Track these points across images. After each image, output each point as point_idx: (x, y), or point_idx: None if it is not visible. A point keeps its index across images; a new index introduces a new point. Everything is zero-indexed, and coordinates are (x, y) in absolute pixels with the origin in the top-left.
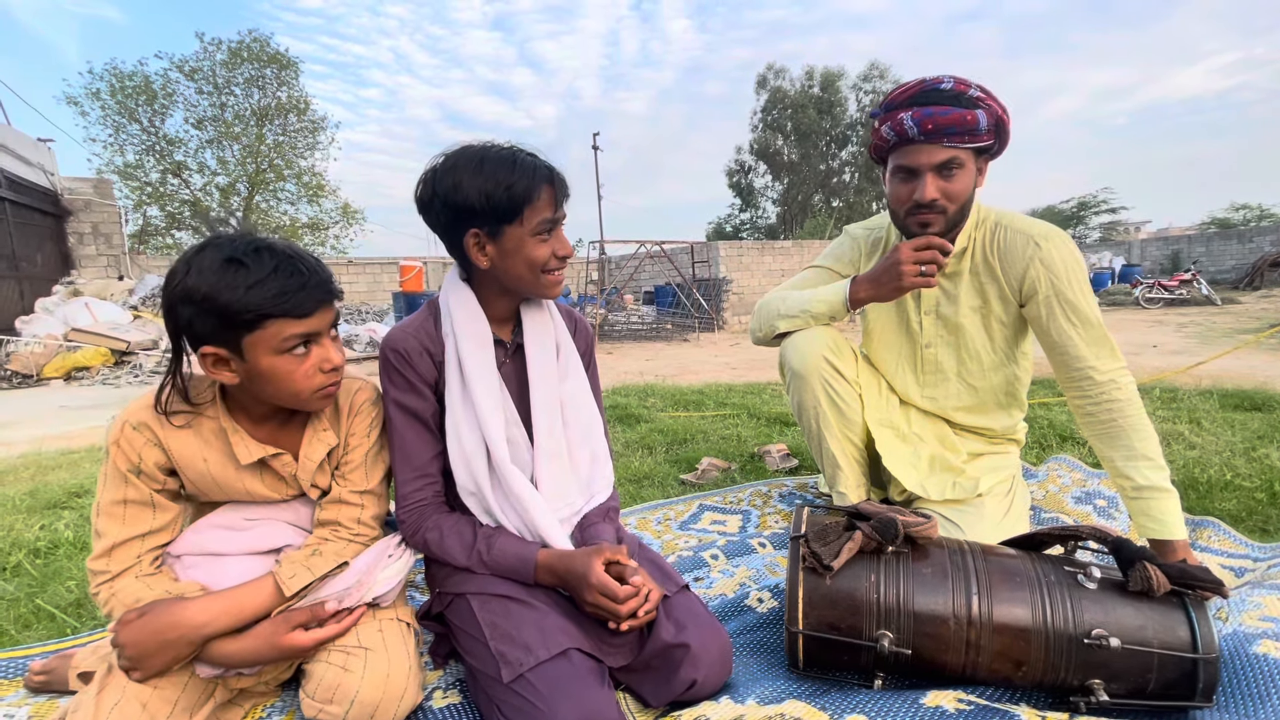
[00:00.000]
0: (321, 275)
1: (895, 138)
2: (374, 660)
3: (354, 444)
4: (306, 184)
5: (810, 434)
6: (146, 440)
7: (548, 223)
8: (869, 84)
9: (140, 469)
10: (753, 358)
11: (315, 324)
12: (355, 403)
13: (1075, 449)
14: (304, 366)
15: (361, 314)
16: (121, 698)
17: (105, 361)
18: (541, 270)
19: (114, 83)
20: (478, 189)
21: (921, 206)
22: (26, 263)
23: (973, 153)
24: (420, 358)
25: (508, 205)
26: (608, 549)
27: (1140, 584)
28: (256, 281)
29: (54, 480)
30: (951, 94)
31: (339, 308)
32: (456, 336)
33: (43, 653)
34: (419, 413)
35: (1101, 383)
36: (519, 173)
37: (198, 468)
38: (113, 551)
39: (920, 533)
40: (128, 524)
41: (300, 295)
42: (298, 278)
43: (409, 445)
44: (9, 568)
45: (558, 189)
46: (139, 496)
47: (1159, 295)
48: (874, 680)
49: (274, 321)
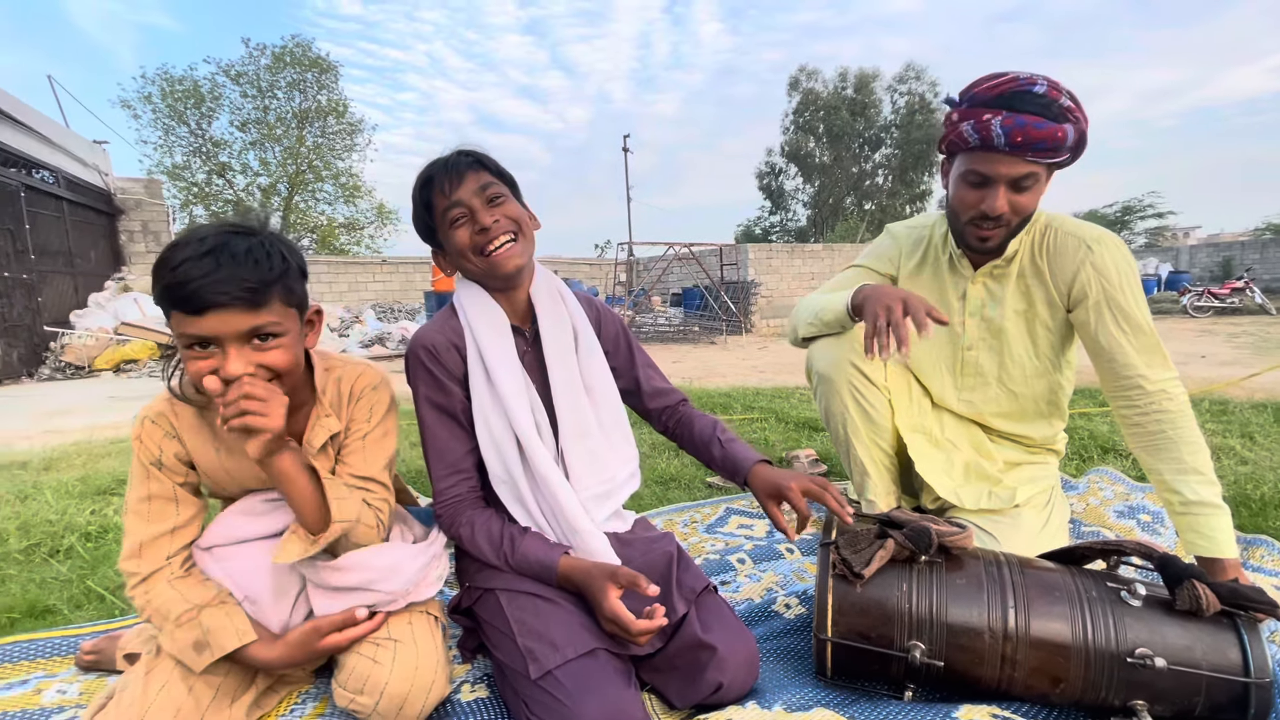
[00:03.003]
0: (239, 273)
1: (978, 141)
2: (403, 652)
3: (354, 429)
4: (344, 185)
5: (838, 440)
6: (165, 433)
7: (453, 211)
8: (904, 85)
9: (161, 461)
10: (780, 361)
11: (212, 326)
12: (357, 387)
13: (1117, 461)
14: (203, 367)
15: (394, 312)
16: (168, 680)
17: (151, 355)
18: (475, 253)
19: (165, 87)
20: (415, 218)
21: (988, 219)
22: (81, 259)
23: (1048, 167)
24: (448, 353)
25: (424, 220)
26: (623, 576)
27: (1189, 603)
28: (172, 265)
29: (104, 468)
30: (1044, 101)
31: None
32: (473, 327)
33: (92, 633)
34: (450, 409)
35: (1152, 393)
36: (420, 188)
37: (210, 457)
38: (142, 551)
39: (955, 542)
40: (153, 520)
41: (193, 287)
42: (203, 269)
43: (442, 442)
44: (62, 550)
45: (450, 177)
46: (162, 491)
47: (1208, 304)
48: (904, 691)
49: (174, 313)
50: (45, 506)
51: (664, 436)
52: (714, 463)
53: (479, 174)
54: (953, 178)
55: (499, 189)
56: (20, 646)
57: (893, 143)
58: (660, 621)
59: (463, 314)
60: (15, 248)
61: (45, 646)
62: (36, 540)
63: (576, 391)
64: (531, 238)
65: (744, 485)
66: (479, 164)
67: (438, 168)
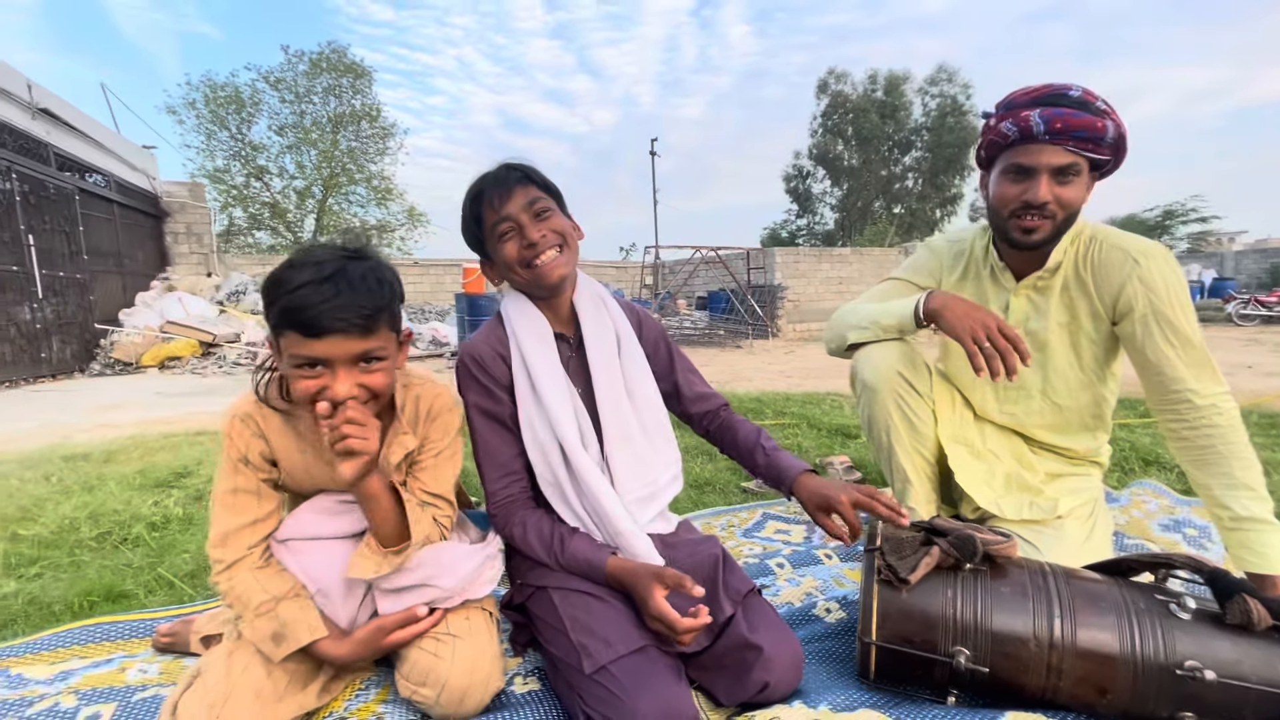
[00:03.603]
0: (354, 297)
1: (1017, 134)
2: (462, 648)
3: (428, 448)
4: (376, 188)
5: (880, 447)
6: (252, 432)
7: (502, 225)
8: (935, 87)
9: (247, 459)
10: (808, 367)
11: (327, 349)
12: (435, 408)
13: (1160, 474)
14: (311, 386)
15: (425, 314)
16: (250, 662)
17: (194, 353)
18: (522, 265)
19: (208, 93)
20: (464, 228)
21: (1031, 208)
22: (129, 260)
23: (1089, 164)
24: (494, 362)
25: (474, 232)
26: (669, 576)
27: (1239, 617)
28: (290, 288)
29: (160, 461)
30: (1079, 100)
31: (385, 333)
32: (518, 336)
33: (166, 616)
34: (498, 415)
35: (1201, 407)
36: (472, 203)
37: (294, 459)
38: (226, 540)
39: (1000, 551)
40: (238, 513)
41: (313, 313)
42: (323, 295)
43: (492, 446)
44: (130, 538)
45: (499, 192)
46: (247, 485)
47: (1255, 312)
48: (947, 696)
49: (288, 333)
50: (111, 497)
51: (705, 440)
52: (757, 469)
53: (527, 189)
54: (993, 178)
55: (546, 203)
56: (102, 628)
57: (923, 146)
58: (704, 620)
59: (508, 323)
60: (70, 248)
61: (124, 629)
62: (106, 529)
63: (619, 396)
64: (575, 248)
65: (789, 495)
66: (526, 179)
67: (487, 182)
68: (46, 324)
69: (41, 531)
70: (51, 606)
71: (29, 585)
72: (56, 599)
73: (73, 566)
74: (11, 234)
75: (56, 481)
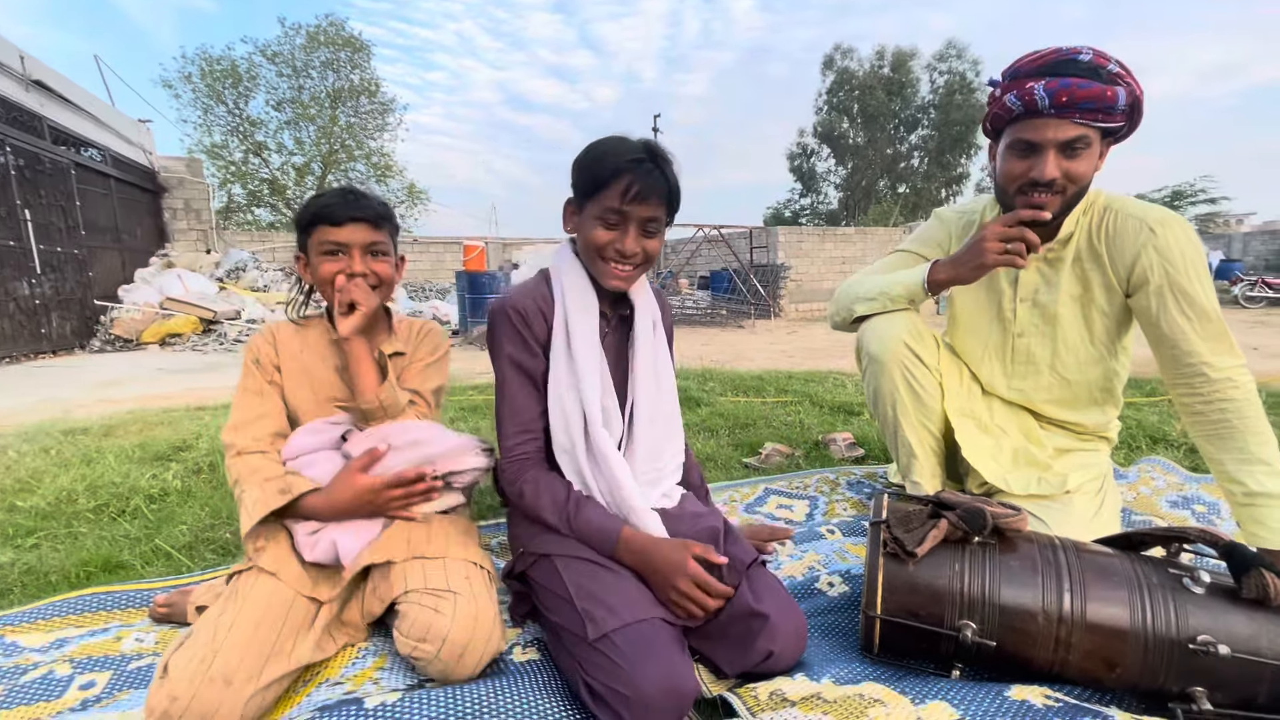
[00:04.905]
0: (366, 201)
1: (1021, 108)
2: (462, 604)
3: (416, 358)
4: (375, 164)
5: (885, 421)
6: (265, 341)
7: (614, 213)
8: (944, 64)
9: (259, 360)
10: (811, 346)
11: (347, 235)
12: (424, 328)
13: (1167, 451)
14: (334, 268)
15: (425, 292)
16: (236, 620)
17: (195, 329)
18: (599, 255)
19: (204, 67)
20: (580, 161)
21: (1038, 185)
22: (128, 235)
23: (1100, 134)
24: (536, 318)
25: (588, 181)
26: (697, 546)
27: (1256, 591)
28: (318, 199)
29: (159, 435)
30: (1089, 66)
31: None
32: (566, 303)
33: (164, 587)
34: (530, 370)
35: (1216, 380)
36: (610, 158)
37: (296, 359)
38: (238, 428)
39: (1009, 524)
40: (247, 409)
41: (337, 208)
42: (343, 198)
43: (518, 401)
44: (128, 510)
45: (640, 189)
46: (255, 385)
47: (1262, 294)
48: (951, 670)
49: (318, 227)
50: (109, 470)
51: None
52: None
53: (657, 208)
54: (1000, 152)
55: (660, 225)
56: (98, 598)
57: (930, 124)
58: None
59: (558, 284)
60: (67, 223)
61: (121, 599)
62: (104, 501)
63: (650, 378)
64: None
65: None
66: (667, 198)
67: (640, 173)
68: (45, 300)
69: (39, 503)
70: (48, 576)
71: (25, 555)
72: (53, 569)
73: (70, 537)
74: (7, 208)
75: (55, 454)
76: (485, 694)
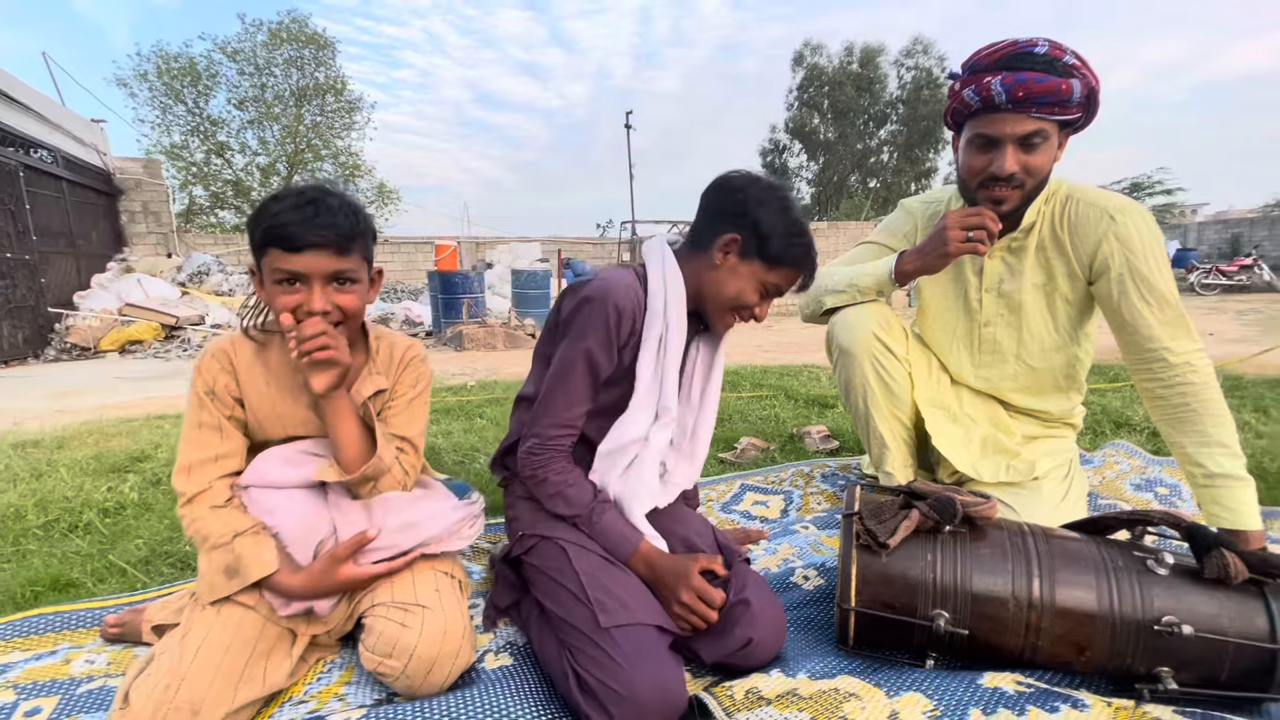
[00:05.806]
0: (330, 217)
1: (979, 103)
2: (431, 618)
3: (400, 393)
4: (343, 164)
5: (857, 413)
6: (221, 367)
7: (772, 287)
8: (910, 59)
9: (214, 392)
10: (785, 340)
11: (305, 264)
12: (406, 357)
13: (1131, 435)
14: (289, 301)
15: (397, 293)
16: (203, 644)
17: (156, 336)
18: (730, 309)
19: (161, 65)
20: (776, 220)
21: (998, 180)
22: (83, 240)
23: (1058, 125)
24: (629, 320)
25: (772, 251)
26: (704, 558)
27: (1217, 571)
28: (273, 211)
29: (116, 446)
30: (1045, 59)
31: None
32: (669, 317)
33: (116, 605)
34: (601, 371)
35: (1176, 365)
36: (803, 244)
37: (260, 391)
38: (190, 471)
39: (979, 513)
40: (200, 447)
41: (293, 228)
42: (303, 215)
43: (575, 394)
44: (80, 525)
45: (802, 268)
46: (210, 420)
47: (1216, 281)
48: (926, 660)
49: (270, 250)
50: (61, 483)
51: None
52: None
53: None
54: (961, 146)
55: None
56: (45, 619)
57: (898, 119)
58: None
59: (661, 293)
60: (16, 228)
61: (70, 619)
62: (55, 516)
63: (713, 405)
64: None
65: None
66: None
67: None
68: None
69: None
70: None
71: None
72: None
73: (16, 556)
74: None
75: (3, 469)
76: (455, 705)
